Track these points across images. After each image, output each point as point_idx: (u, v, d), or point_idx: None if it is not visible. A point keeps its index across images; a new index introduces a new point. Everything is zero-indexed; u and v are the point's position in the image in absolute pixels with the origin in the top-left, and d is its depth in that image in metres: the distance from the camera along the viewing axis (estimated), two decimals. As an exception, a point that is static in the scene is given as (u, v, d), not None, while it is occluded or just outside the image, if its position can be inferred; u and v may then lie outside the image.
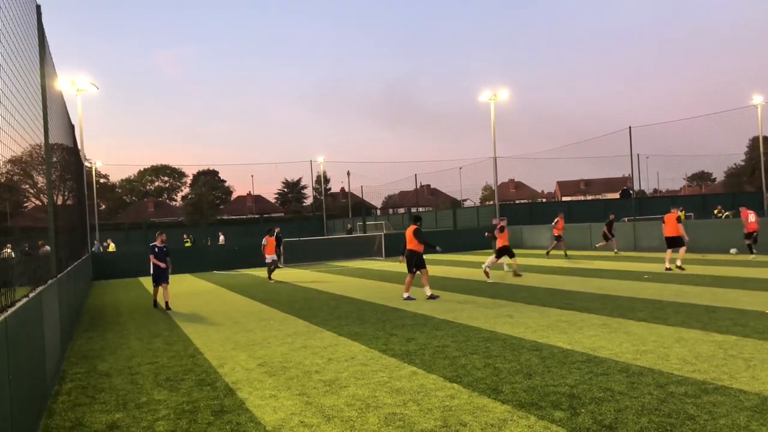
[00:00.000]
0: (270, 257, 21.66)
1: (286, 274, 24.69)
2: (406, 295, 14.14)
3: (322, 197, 70.36)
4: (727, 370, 6.57)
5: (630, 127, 31.14)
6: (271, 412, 5.98)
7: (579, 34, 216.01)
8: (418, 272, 14.34)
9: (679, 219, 18.08)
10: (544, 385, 6.35)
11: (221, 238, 40.41)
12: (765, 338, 8.03)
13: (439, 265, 25.27)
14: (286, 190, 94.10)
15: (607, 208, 43.83)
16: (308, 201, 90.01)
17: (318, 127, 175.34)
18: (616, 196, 64.28)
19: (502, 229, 18.85)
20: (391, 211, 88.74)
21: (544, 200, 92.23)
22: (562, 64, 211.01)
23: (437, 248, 15.01)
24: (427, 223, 51.23)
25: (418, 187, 63.81)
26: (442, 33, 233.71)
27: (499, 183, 43.17)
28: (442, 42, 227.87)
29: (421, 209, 74.18)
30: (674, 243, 18.03)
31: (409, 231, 14.35)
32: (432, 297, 13.98)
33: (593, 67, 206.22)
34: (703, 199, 53.90)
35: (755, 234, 20.53)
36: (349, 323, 11.13)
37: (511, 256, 18.55)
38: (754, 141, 61.04)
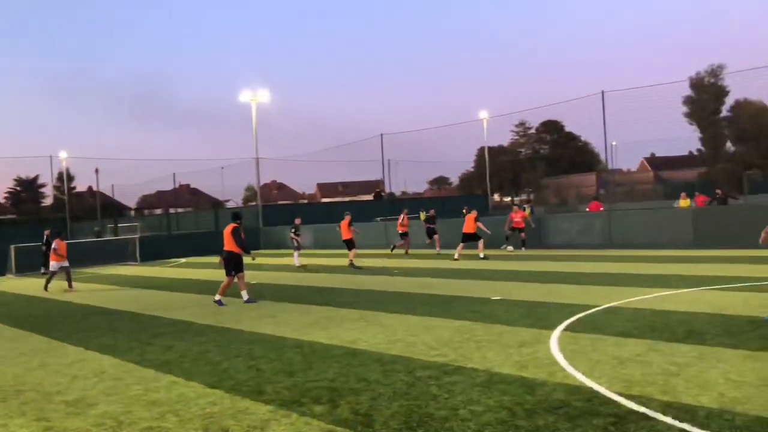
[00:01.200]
0: (57, 264, 18.85)
1: (19, 284, 21.79)
2: (217, 297, 13.05)
3: (65, 197, 63.40)
4: (463, 352, 7.46)
5: (382, 135, 33.42)
6: (4, 442, 5.27)
7: (336, 43, 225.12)
8: (236, 276, 13.32)
9: (476, 218, 21.06)
10: (305, 381, 6.56)
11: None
12: (492, 322, 9.27)
13: (205, 269, 24.46)
14: (18, 188, 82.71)
15: (363, 209, 46.41)
16: (48, 201, 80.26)
17: (59, 119, 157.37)
18: (371, 197, 68.32)
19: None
20: (146, 211, 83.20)
21: (306, 201, 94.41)
22: (321, 70, 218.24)
23: (251, 256, 13.93)
24: (187, 225, 49.16)
25: (176, 186, 60.80)
26: (198, 28, 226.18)
27: (261, 184, 43.16)
28: (198, 37, 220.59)
29: (180, 210, 70.83)
30: (470, 238, 20.90)
31: (227, 230, 13.26)
32: (250, 300, 13.06)
33: (349, 75, 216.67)
34: (443, 201, 59.99)
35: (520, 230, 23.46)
36: (99, 335, 10.25)
37: (351, 248, 20.83)
38: (481, 150, 69.54)
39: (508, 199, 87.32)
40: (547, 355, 7.05)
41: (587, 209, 25.87)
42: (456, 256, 20.69)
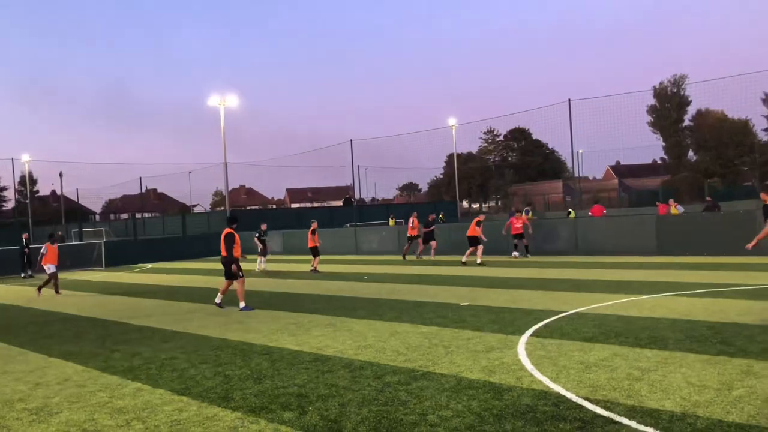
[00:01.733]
0: (52, 267, 18.29)
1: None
2: (242, 304, 12.60)
3: (28, 201, 61.87)
4: (431, 357, 7.50)
5: (351, 141, 33.46)
6: (-39, 453, 5.12)
7: (305, 49, 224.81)
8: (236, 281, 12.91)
9: (478, 223, 21.10)
10: (274, 387, 6.52)
11: None
12: (460, 327, 9.34)
13: (170, 274, 24.11)
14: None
15: (333, 215, 46.32)
16: (9, 205, 78.22)
17: (21, 123, 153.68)
18: (341, 203, 68.25)
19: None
20: (112, 216, 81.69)
21: (275, 206, 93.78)
22: (291, 76, 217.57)
23: (242, 258, 13.50)
24: (154, 230, 48.40)
25: (143, 190, 59.88)
26: (162, 31, 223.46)
27: (230, 189, 42.75)
28: (165, 41, 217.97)
29: (146, 214, 69.70)
30: (473, 242, 20.90)
31: (222, 235, 13.06)
32: (246, 309, 12.48)
33: (319, 81, 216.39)
34: (412, 207, 60.28)
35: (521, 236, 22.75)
36: (63, 342, 10.03)
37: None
38: (450, 157, 70.19)
39: (476, 205, 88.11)
40: (514, 360, 7.13)
41: (590, 213, 25.75)
42: (464, 260, 20.84)
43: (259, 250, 23.39)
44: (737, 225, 18.79)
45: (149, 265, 30.10)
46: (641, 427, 4.75)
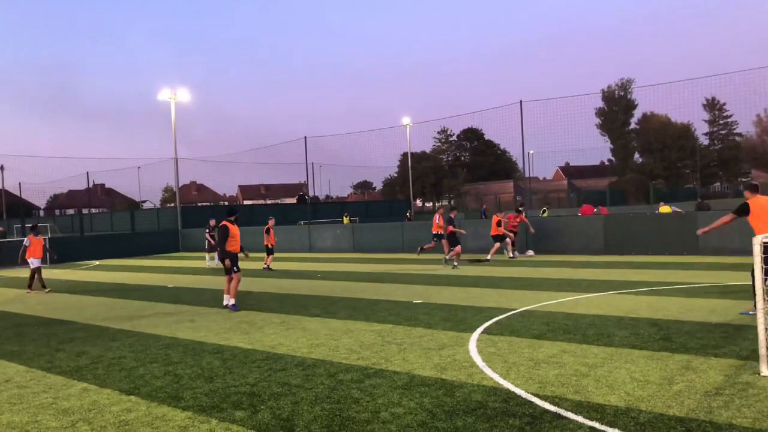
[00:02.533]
0: (36, 261, 17.41)
1: None
2: (232, 302, 11.95)
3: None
4: (384, 354, 7.54)
5: (305, 137, 33.19)
6: None
7: (258, 45, 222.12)
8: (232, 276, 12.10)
9: (499, 223, 20.90)
10: (225, 386, 6.44)
11: None
12: (412, 325, 9.42)
13: (119, 271, 23.50)
14: None
15: (286, 213, 45.97)
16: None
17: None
18: (294, 200, 67.78)
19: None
20: (58, 212, 78.99)
21: (227, 203, 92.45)
22: (243, 72, 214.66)
23: (244, 253, 12.63)
24: (102, 226, 47.07)
25: (90, 185, 58.14)
26: (108, 21, 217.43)
27: (180, 185, 41.92)
28: (109, 31, 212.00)
29: (94, 210, 67.71)
30: (499, 239, 20.81)
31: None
32: (233, 307, 11.83)
33: (272, 78, 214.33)
34: (366, 205, 60.37)
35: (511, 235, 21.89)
36: (4, 342, 9.66)
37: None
38: (405, 156, 70.47)
39: (430, 204, 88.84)
40: (466, 357, 7.23)
41: (579, 213, 25.84)
42: (489, 257, 20.54)
43: (207, 247, 23.27)
44: (679, 226, 19.50)
45: (96, 262, 29.26)
46: (587, 422, 4.89)
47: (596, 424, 4.83)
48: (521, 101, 25.91)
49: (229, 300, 12.02)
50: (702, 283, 12.51)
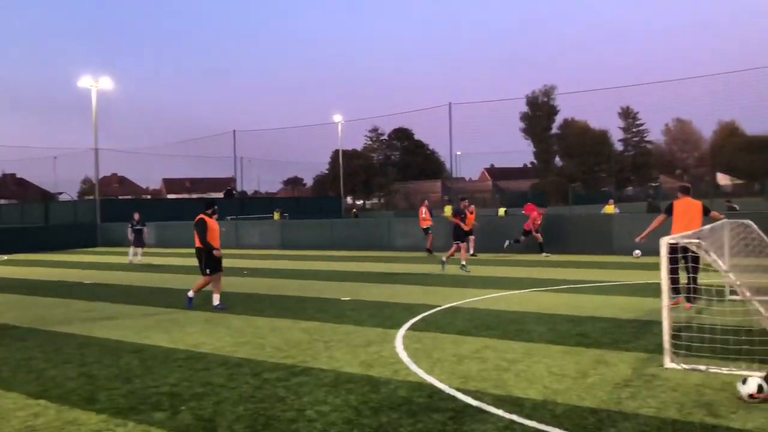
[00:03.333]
0: None
1: None
2: (216, 301, 11.11)
3: None
4: (311, 352, 7.51)
5: (234, 131, 32.62)
6: None
7: (185, 35, 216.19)
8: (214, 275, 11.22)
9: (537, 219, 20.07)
10: (144, 387, 6.24)
11: None
12: (340, 322, 9.42)
13: (30, 267, 22.27)
14: None
15: (212, 207, 44.82)
16: None
17: None
18: (221, 195, 66.36)
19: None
20: (-39, 202, 74.01)
21: (150, 197, 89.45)
22: (168, 62, 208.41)
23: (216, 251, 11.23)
24: (11, 218, 44.45)
25: (0, 175, 54.85)
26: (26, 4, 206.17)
27: (101, 176, 40.22)
28: (23, 14, 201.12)
29: (3, 201, 63.89)
30: (527, 233, 20.04)
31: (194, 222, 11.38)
32: (221, 307, 11.01)
33: (199, 69, 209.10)
34: (297, 201, 59.84)
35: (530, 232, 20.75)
36: None
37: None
38: (336, 153, 70.38)
39: (360, 201, 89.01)
40: (392, 354, 7.31)
41: (523, 211, 25.90)
42: (545, 254, 19.67)
43: (131, 242, 22.42)
44: (594, 227, 20.40)
45: (5, 257, 27.64)
46: (507, 415, 5.05)
47: (515, 417, 5.00)
48: (450, 103, 26.49)
49: (215, 299, 11.13)
50: (615, 282, 13.13)
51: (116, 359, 7.47)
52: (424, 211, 21.92)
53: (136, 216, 22.68)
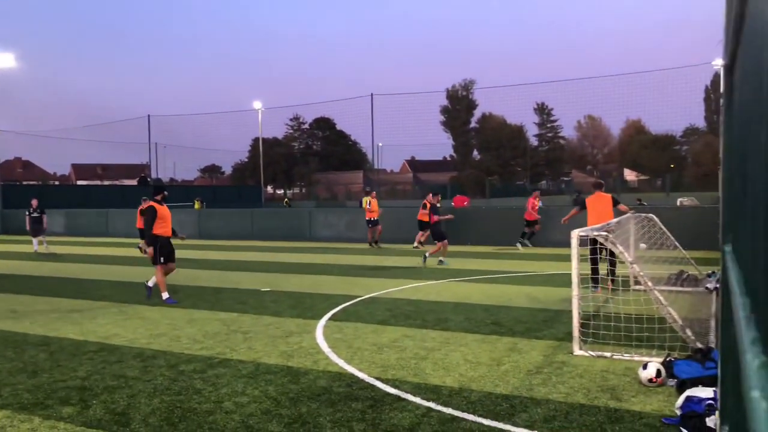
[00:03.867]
0: None
1: None
2: (165, 294, 10.44)
3: None
4: (229, 344, 7.41)
5: (149, 116, 31.44)
6: None
7: (98, 17, 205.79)
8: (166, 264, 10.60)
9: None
10: (51, 381, 5.96)
11: None
12: (259, 313, 9.33)
13: None
14: None
15: (125, 195, 43.18)
16: None
17: None
18: (135, 182, 63.88)
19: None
20: None
21: (58, 183, 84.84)
22: (77, 41, 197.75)
23: (179, 235, 11.11)
24: None
25: None
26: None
27: (2, 160, 37.72)
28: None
29: None
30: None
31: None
32: (171, 301, 10.36)
33: (111, 51, 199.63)
34: (214, 190, 58.45)
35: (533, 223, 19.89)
36: None
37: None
38: (256, 141, 69.32)
39: (280, 191, 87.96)
40: (312, 344, 7.32)
41: (453, 203, 25.84)
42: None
43: (30, 229, 21.16)
44: (508, 219, 21.11)
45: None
46: (425, 403, 5.18)
47: (432, 405, 5.14)
48: (372, 94, 26.57)
49: (161, 293, 10.50)
50: (528, 272, 13.66)
51: (21, 353, 7.09)
52: (368, 202, 21.48)
53: (34, 202, 21.49)
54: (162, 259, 10.47)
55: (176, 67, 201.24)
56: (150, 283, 10.73)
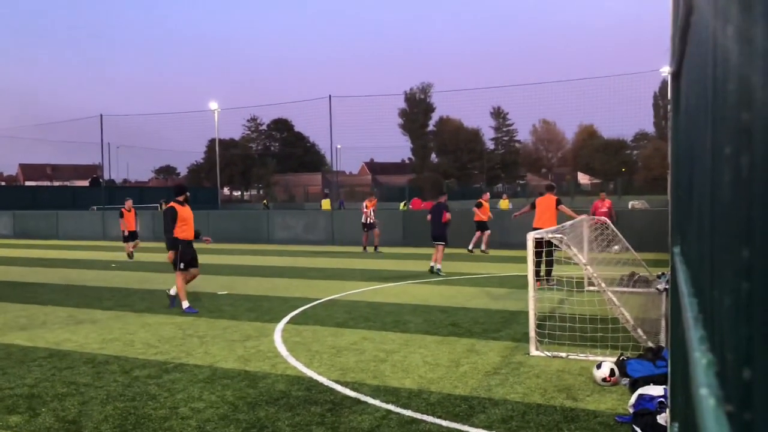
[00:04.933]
0: None
1: None
2: (186, 304, 9.73)
3: None
4: (185, 348, 7.28)
5: (101, 115, 30.66)
6: None
7: (48, 14, 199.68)
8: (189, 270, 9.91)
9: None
10: (-2, 390, 5.75)
11: None
12: (216, 317, 9.19)
13: None
14: None
15: (76, 196, 42.02)
16: None
17: None
18: (87, 183, 62.22)
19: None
20: None
21: (4, 183, 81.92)
22: (24, 41, 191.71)
23: (203, 238, 10.49)
24: None
25: None
26: None
27: (-58, 159, 36.29)
28: None
29: None
30: (481, 227, 19.10)
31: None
32: (190, 310, 9.64)
33: (60, 48, 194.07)
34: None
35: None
36: None
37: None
38: (212, 141, 68.20)
39: (237, 193, 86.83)
40: (270, 348, 7.25)
41: (410, 206, 25.62)
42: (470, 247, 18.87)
43: None
44: (466, 222, 21.31)
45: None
46: (384, 405, 5.20)
47: (392, 407, 5.15)
48: (330, 96, 26.46)
49: (180, 302, 9.81)
50: (485, 274, 13.83)
51: (-36, 361, 6.82)
52: (365, 206, 21.10)
53: None
54: (182, 265, 9.70)
55: (130, 66, 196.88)
56: (172, 292, 10.02)
